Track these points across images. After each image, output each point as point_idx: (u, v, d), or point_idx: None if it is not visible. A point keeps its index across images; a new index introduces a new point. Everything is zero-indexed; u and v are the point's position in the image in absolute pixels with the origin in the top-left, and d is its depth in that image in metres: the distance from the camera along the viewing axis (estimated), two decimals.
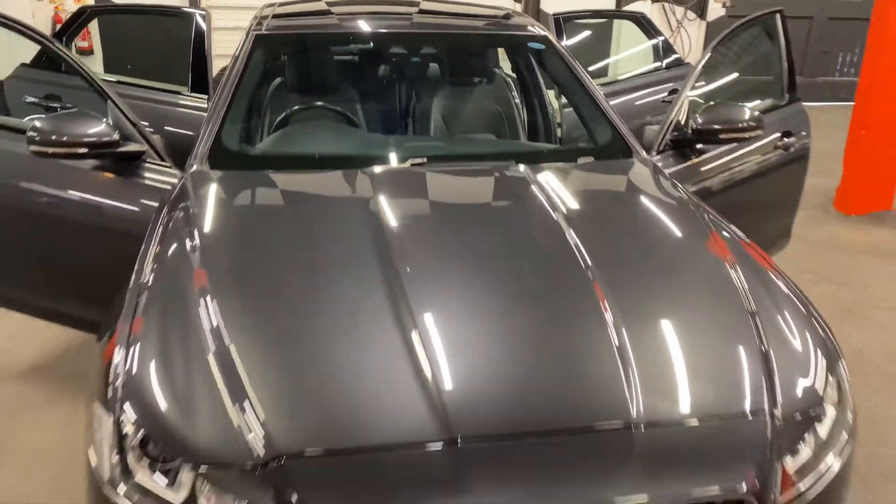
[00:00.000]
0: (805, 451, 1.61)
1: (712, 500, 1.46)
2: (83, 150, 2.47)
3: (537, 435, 1.50)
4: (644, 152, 2.76)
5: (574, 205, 2.33)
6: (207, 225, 2.12)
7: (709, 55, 3.18)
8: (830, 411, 1.68)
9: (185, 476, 1.47)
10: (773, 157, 3.39)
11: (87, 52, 7.42)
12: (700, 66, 3.14)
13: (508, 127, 3.39)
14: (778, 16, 3.54)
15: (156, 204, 2.41)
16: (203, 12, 3.84)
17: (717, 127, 2.81)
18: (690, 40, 9.69)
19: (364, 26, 3.11)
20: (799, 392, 1.67)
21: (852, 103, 5.64)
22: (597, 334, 1.70)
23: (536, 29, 3.22)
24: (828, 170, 5.76)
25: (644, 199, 2.50)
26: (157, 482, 1.49)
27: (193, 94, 3.76)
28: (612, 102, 3.06)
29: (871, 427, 2.99)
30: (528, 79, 3.63)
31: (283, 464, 1.43)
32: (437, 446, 1.46)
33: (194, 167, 2.49)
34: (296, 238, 2.10)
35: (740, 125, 2.81)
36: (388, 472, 1.45)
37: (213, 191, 2.36)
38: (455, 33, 3.30)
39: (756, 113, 2.82)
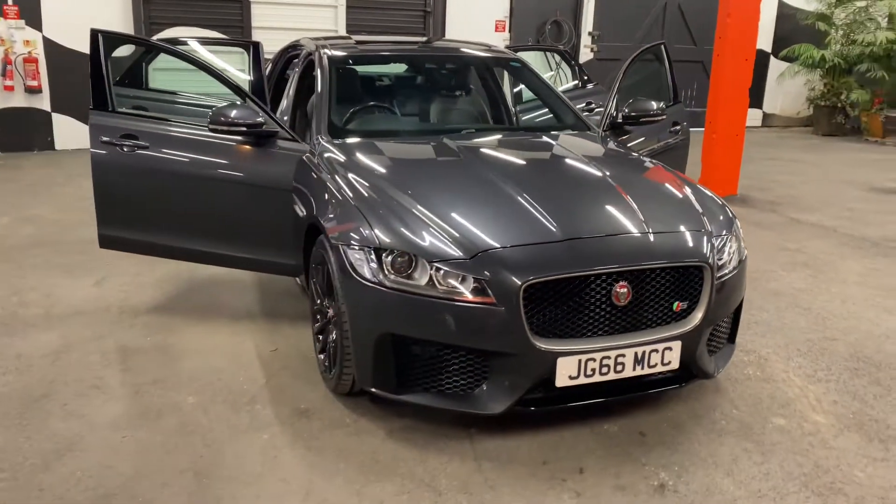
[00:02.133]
0: (726, 253, 3.16)
1: (691, 265, 2.97)
2: (242, 129, 3.74)
3: (610, 236, 2.99)
4: (595, 129, 4.38)
5: (576, 148, 3.94)
6: (356, 160, 3.56)
7: (623, 70, 4.81)
8: (733, 238, 3.26)
9: (422, 269, 2.81)
10: (670, 138, 5.10)
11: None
12: (618, 80, 4.76)
13: (494, 114, 4.95)
14: (662, 46, 5.30)
15: (290, 167, 3.76)
16: (257, 41, 5.14)
17: (638, 114, 4.43)
18: (567, 77, 11.74)
19: (394, 49, 4.87)
20: (720, 226, 3.24)
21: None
22: (620, 198, 3.23)
23: (510, 53, 4.86)
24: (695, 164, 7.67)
25: (612, 146, 4.12)
26: (405, 277, 2.83)
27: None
28: None
29: None
30: (494, 86, 5.20)
31: (481, 255, 2.81)
32: (561, 243, 2.90)
33: (320, 139, 3.81)
34: (410, 161, 3.66)
35: (652, 113, 4.45)
36: (536, 255, 2.86)
37: (343, 145, 3.75)
38: (456, 56, 4.89)
39: (661, 104, 4.48)
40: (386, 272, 2.87)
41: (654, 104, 4.46)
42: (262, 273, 4.41)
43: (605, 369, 2.84)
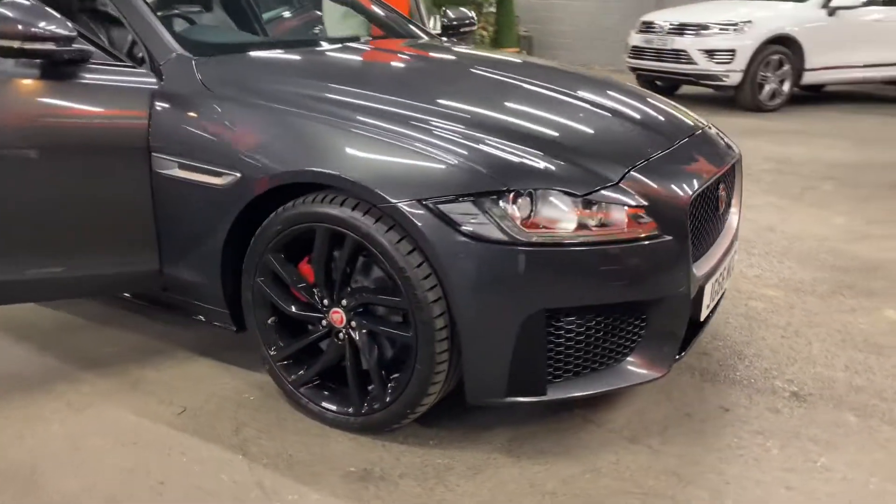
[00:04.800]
0: None
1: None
2: (45, 46, 2.16)
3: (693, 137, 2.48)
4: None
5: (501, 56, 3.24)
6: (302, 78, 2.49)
7: None
8: None
9: (561, 209, 1.97)
10: None
11: None
12: None
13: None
14: None
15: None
16: None
17: (458, 23, 3.89)
18: None
19: None
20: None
21: None
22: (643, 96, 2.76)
23: None
24: None
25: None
26: (546, 226, 1.95)
27: None
28: None
29: None
30: None
31: (629, 175, 2.08)
32: (674, 150, 2.31)
33: (173, 55, 2.40)
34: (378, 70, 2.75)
35: (468, 21, 3.95)
36: (670, 167, 2.24)
37: (238, 63, 2.56)
38: None
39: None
40: (519, 224, 1.91)
41: (467, 11, 3.97)
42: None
43: (716, 293, 2.40)
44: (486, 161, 2.01)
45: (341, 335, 2.18)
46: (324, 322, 2.20)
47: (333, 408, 2.24)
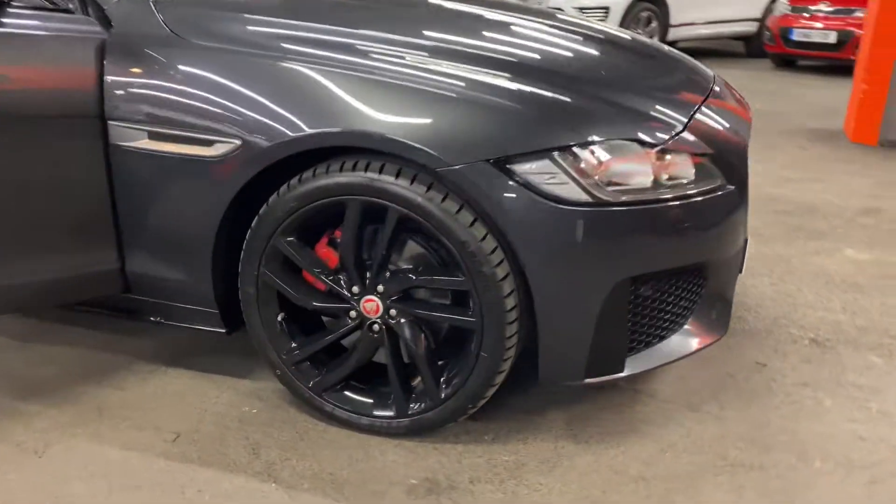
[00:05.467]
0: None
1: None
2: None
3: None
4: None
5: None
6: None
7: None
8: None
9: (635, 163, 1.74)
10: None
11: None
12: None
13: None
14: None
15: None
16: None
17: None
18: None
19: None
20: None
21: None
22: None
23: None
24: None
25: None
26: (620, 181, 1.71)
27: None
28: None
29: None
30: None
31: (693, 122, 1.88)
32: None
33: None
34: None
35: None
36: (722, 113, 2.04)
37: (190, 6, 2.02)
38: None
39: None
40: (599, 182, 1.67)
41: None
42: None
43: None
44: (560, 109, 1.74)
45: (376, 326, 1.85)
46: (352, 313, 1.85)
47: (369, 412, 1.91)
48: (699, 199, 1.79)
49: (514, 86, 1.77)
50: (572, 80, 1.91)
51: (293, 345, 1.92)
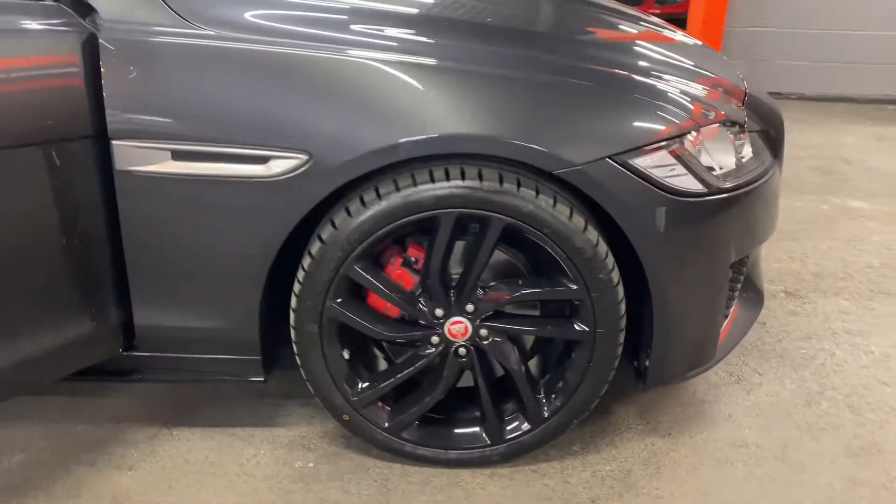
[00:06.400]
0: None
1: None
2: None
3: None
4: None
5: None
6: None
7: None
8: None
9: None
10: None
11: None
12: None
13: None
14: None
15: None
16: None
17: None
18: None
19: None
20: None
21: None
22: None
23: None
24: None
25: None
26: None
27: None
28: None
29: None
30: None
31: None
32: None
33: None
34: None
35: None
36: None
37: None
38: None
39: None
40: (709, 170, 1.59)
41: None
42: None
43: None
44: (668, 98, 1.60)
45: (462, 350, 1.63)
46: (434, 339, 1.62)
47: (457, 444, 1.70)
48: (770, 174, 1.77)
49: (617, 74, 1.63)
50: (667, 71, 1.77)
51: (365, 384, 1.65)
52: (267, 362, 1.67)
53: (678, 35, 2.28)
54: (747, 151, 1.73)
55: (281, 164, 1.44)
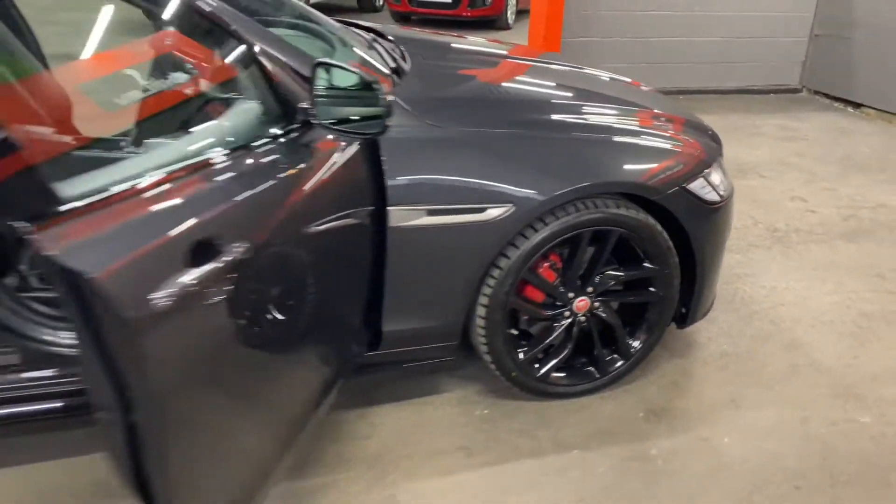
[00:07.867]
0: None
1: None
2: None
3: None
4: None
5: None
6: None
7: None
8: None
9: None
10: None
11: None
12: None
13: None
14: None
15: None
16: None
17: None
18: None
19: None
20: None
21: None
22: None
23: None
24: None
25: None
26: None
27: None
28: None
29: None
30: None
31: None
32: None
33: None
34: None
35: None
36: None
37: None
38: None
39: None
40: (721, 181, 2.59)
41: None
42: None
43: None
44: (695, 144, 2.56)
45: (582, 318, 2.48)
46: (566, 312, 2.46)
47: (579, 380, 2.57)
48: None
49: (667, 132, 2.58)
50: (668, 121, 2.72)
51: (526, 349, 2.45)
52: (458, 345, 2.40)
53: (624, 78, 3.30)
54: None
55: (494, 212, 2.19)
